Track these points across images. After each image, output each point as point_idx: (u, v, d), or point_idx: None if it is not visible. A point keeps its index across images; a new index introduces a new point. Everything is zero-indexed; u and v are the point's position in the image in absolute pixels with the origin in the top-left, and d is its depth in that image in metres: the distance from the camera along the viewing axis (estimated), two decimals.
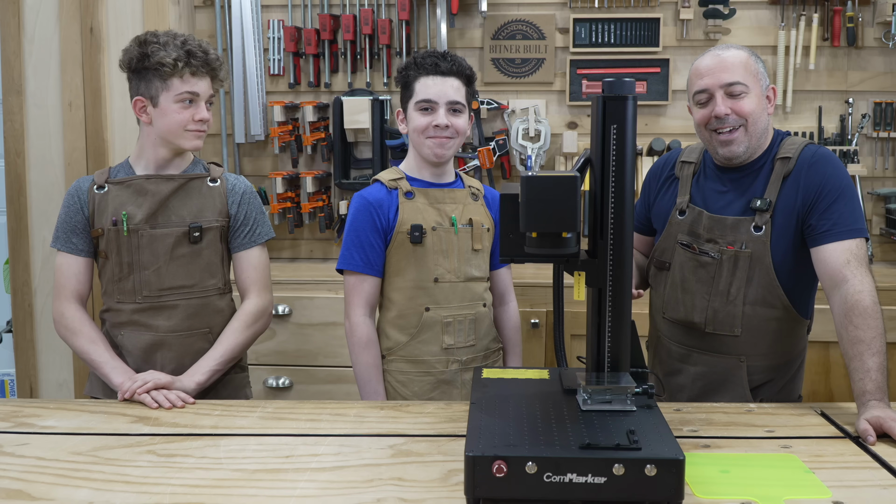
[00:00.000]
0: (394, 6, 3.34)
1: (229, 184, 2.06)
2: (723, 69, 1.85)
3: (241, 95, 3.35)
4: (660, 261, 2.02)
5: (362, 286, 2.04)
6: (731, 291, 1.89)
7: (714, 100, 1.85)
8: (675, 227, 1.98)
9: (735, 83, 1.84)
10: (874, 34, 3.27)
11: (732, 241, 1.88)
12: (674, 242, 1.98)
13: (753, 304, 1.89)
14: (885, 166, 3.33)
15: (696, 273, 1.93)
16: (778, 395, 1.95)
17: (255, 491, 1.34)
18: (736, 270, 1.88)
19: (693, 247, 1.93)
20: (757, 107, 1.85)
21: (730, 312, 1.90)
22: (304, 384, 2.95)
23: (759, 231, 1.86)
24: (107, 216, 1.96)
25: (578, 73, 3.35)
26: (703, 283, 1.92)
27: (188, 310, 1.99)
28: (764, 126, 1.89)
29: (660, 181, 2.07)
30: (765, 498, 1.29)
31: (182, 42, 1.91)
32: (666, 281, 2.00)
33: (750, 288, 1.88)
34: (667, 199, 2.03)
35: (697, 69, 1.89)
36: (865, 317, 1.65)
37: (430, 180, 2.08)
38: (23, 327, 3.00)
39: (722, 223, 1.89)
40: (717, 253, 1.89)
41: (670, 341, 2.02)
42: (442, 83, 2.00)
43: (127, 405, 1.79)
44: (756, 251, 1.86)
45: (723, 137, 1.86)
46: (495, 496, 1.22)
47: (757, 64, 1.88)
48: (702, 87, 1.87)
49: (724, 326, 1.91)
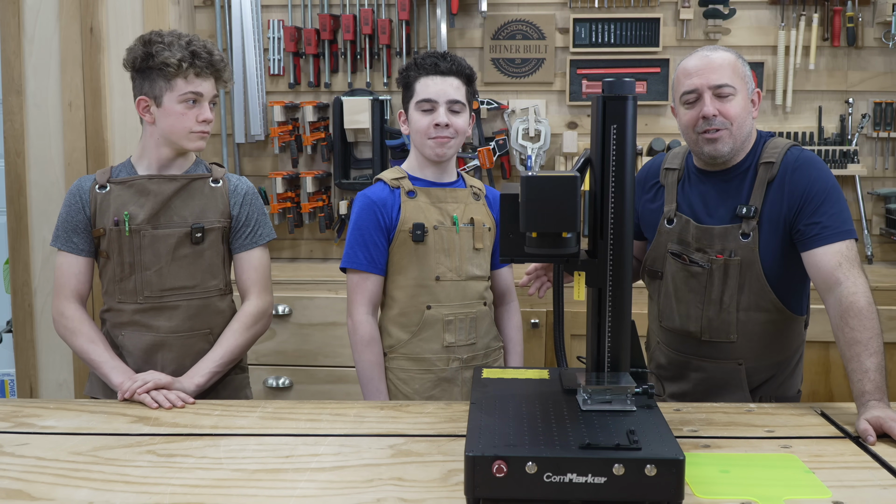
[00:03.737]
0: (394, 6, 3.34)
1: (231, 185, 2.06)
2: (711, 70, 1.84)
3: (241, 95, 3.35)
4: (652, 269, 2.02)
5: (365, 284, 2.05)
6: (724, 300, 1.89)
7: (702, 100, 1.84)
8: (664, 235, 1.98)
9: (724, 85, 1.83)
10: (874, 34, 3.27)
11: (721, 250, 1.88)
12: (664, 251, 1.98)
13: (747, 309, 1.89)
14: (885, 166, 3.33)
15: (688, 283, 1.93)
16: (777, 390, 1.96)
17: (255, 491, 1.34)
18: (727, 279, 1.88)
19: (683, 256, 1.93)
20: (743, 110, 1.85)
21: (724, 320, 1.90)
22: (304, 384, 2.95)
23: (746, 238, 1.86)
24: (108, 216, 1.96)
25: (578, 73, 3.35)
26: (695, 293, 1.92)
27: (189, 310, 1.99)
28: (748, 129, 1.88)
29: (645, 189, 2.06)
30: (765, 498, 1.29)
31: (187, 42, 1.91)
32: (659, 289, 2.01)
33: (742, 295, 1.88)
34: (654, 207, 2.03)
35: (685, 69, 1.87)
36: (861, 318, 1.65)
37: (433, 180, 2.09)
38: (23, 327, 3.00)
39: (709, 233, 1.89)
40: (707, 262, 1.89)
41: (668, 348, 2.03)
42: (442, 83, 2.01)
43: (127, 405, 1.79)
44: (745, 258, 1.86)
45: (708, 136, 1.85)
46: (495, 496, 1.22)
47: (744, 67, 1.88)
48: (690, 87, 1.85)
49: (720, 334, 1.91)
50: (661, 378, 2.05)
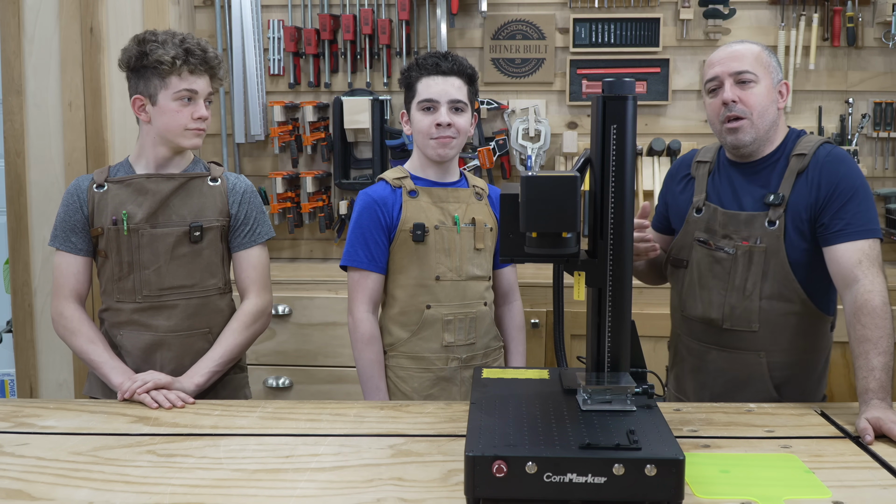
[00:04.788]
0: (394, 6, 3.34)
1: (230, 183, 2.05)
2: (733, 59, 1.89)
3: (241, 95, 3.35)
4: (676, 258, 2.03)
5: (366, 282, 2.05)
6: (747, 287, 1.89)
7: (723, 87, 1.88)
8: (692, 224, 2.00)
9: (744, 71, 1.87)
10: (874, 34, 3.27)
11: (747, 237, 1.89)
12: (691, 240, 1.99)
13: (770, 298, 1.88)
14: (885, 166, 3.33)
15: (713, 269, 1.94)
16: (801, 395, 1.93)
17: (255, 491, 1.34)
18: (751, 265, 1.88)
19: (709, 243, 1.94)
20: (765, 98, 1.88)
21: (747, 308, 1.90)
22: (304, 384, 2.95)
23: (772, 226, 1.87)
24: (106, 215, 1.96)
25: (578, 73, 3.34)
26: (719, 279, 1.93)
27: (188, 309, 1.99)
28: (772, 119, 1.90)
29: (676, 181, 2.10)
30: (765, 498, 1.29)
31: (181, 40, 1.91)
32: (683, 279, 2.02)
33: (766, 283, 1.88)
34: (684, 198, 2.05)
35: (710, 60, 1.94)
36: (874, 316, 1.67)
37: (435, 179, 2.09)
38: (23, 327, 3.00)
39: (736, 219, 1.91)
40: (733, 248, 1.90)
41: (690, 339, 2.02)
42: (443, 82, 2.02)
43: (127, 405, 1.79)
44: (770, 246, 1.87)
45: (729, 125, 1.88)
46: (495, 496, 1.22)
47: (770, 58, 1.92)
48: (712, 75, 1.91)
49: (742, 322, 1.91)
50: (678, 375, 2.05)
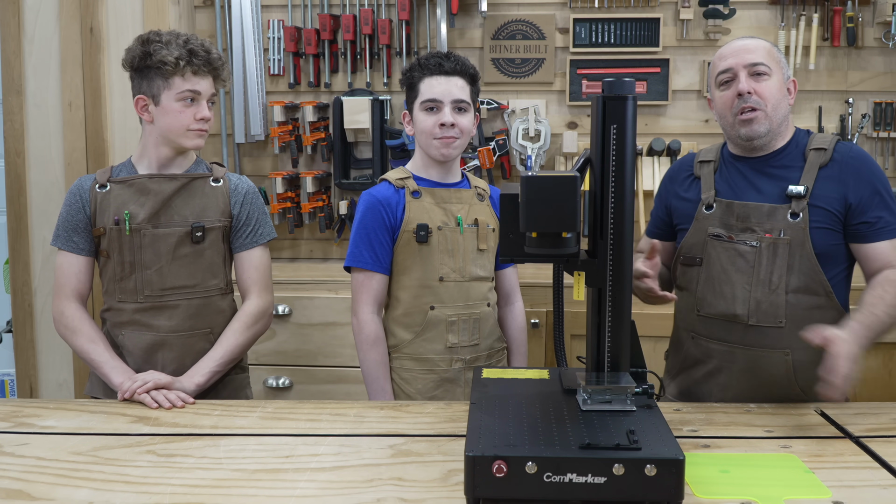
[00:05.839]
0: (394, 6, 3.34)
1: (232, 184, 2.06)
2: (747, 51, 1.89)
3: (241, 95, 3.35)
4: (688, 257, 1.97)
5: (370, 283, 2.05)
6: (773, 280, 1.85)
7: (737, 79, 1.88)
8: (703, 221, 1.95)
9: (759, 63, 1.87)
10: (874, 34, 3.27)
11: (770, 229, 1.86)
12: (704, 237, 1.94)
13: (796, 292, 1.85)
14: (885, 166, 3.33)
15: (735, 263, 1.89)
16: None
17: (255, 491, 1.34)
18: (776, 258, 1.85)
19: (729, 237, 1.91)
20: (778, 92, 1.88)
21: (773, 302, 1.85)
22: (304, 384, 2.95)
23: (796, 218, 1.84)
24: (109, 215, 1.96)
25: (578, 73, 3.35)
26: (742, 273, 1.88)
27: (190, 310, 1.99)
28: (784, 113, 1.90)
29: (678, 182, 2.06)
30: (765, 498, 1.29)
31: (185, 41, 1.92)
32: (699, 277, 1.95)
33: (792, 276, 1.85)
34: (688, 197, 2.01)
35: (721, 53, 1.93)
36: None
37: (437, 180, 2.09)
38: (23, 327, 3.00)
39: (758, 210, 1.88)
40: (756, 241, 1.87)
41: (709, 340, 1.95)
42: (446, 82, 2.02)
43: (127, 405, 1.79)
44: (795, 238, 1.84)
45: (744, 117, 1.87)
46: (495, 496, 1.22)
47: (779, 55, 1.93)
48: (725, 67, 1.90)
49: (768, 317, 1.85)
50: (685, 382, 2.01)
